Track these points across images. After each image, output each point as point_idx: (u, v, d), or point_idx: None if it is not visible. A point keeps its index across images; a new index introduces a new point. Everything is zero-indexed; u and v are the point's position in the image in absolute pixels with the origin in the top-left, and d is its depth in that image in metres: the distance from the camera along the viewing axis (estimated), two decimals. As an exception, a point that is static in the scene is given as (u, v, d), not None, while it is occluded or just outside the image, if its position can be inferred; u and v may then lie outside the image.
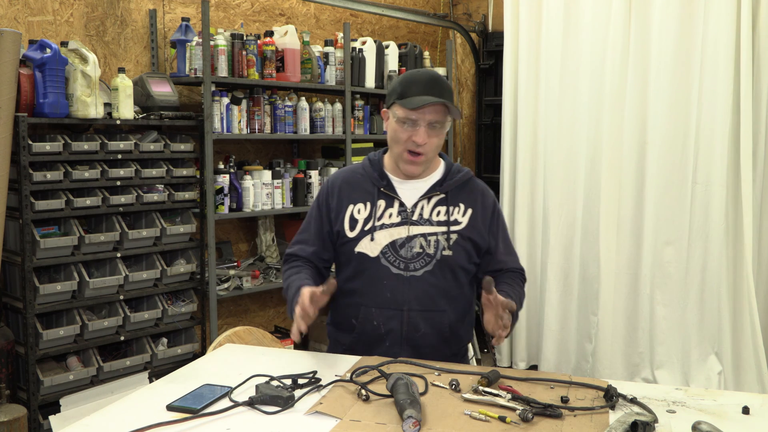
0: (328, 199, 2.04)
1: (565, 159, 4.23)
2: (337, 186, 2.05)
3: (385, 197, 1.99)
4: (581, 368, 4.22)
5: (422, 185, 2.01)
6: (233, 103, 3.60)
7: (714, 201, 3.79)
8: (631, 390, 1.60)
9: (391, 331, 1.94)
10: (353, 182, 2.04)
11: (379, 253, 1.94)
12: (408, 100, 1.89)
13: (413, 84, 1.91)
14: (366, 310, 1.96)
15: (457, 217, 1.99)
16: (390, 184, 2.01)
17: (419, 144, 1.90)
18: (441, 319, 1.96)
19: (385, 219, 1.97)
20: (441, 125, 1.93)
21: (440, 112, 1.91)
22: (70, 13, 3.34)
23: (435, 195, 2.00)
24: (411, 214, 1.97)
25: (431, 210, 1.98)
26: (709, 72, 3.77)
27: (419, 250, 1.94)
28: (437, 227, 1.96)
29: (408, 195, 1.99)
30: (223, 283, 3.70)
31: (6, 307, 3.09)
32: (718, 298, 3.82)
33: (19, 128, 2.88)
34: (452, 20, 5.17)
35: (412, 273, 1.94)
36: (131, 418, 1.44)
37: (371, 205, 1.99)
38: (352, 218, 1.99)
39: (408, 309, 1.94)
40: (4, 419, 2.56)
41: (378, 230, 1.96)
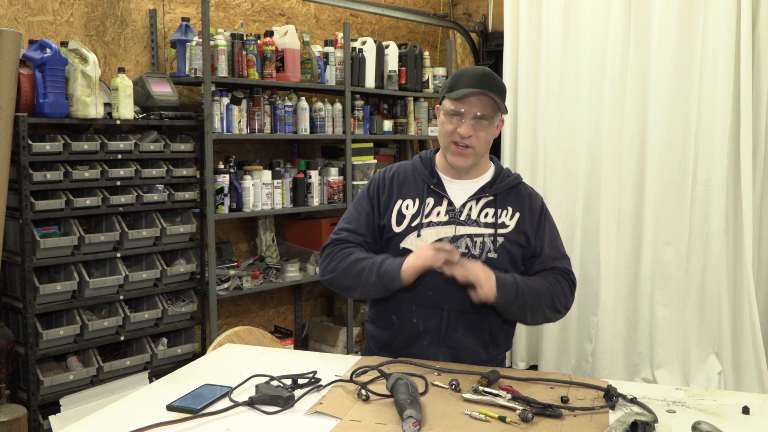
0: (378, 192, 2.03)
1: (565, 159, 4.23)
2: (388, 179, 2.04)
3: (434, 195, 1.99)
4: (581, 368, 4.22)
5: (472, 186, 2.00)
6: (233, 103, 3.60)
7: (714, 201, 3.79)
8: (631, 390, 1.60)
9: (430, 330, 1.94)
10: (404, 178, 2.03)
11: None
12: (455, 92, 1.90)
13: (463, 77, 1.92)
14: (407, 306, 1.95)
15: (504, 220, 1.98)
16: (440, 182, 2.00)
17: (463, 136, 1.90)
18: (481, 323, 1.95)
19: (433, 217, 1.96)
20: (489, 120, 1.92)
21: (488, 107, 1.91)
22: (70, 13, 3.34)
23: (484, 196, 1.99)
24: (459, 213, 1.97)
25: (479, 211, 1.98)
26: (709, 72, 3.77)
27: (464, 250, 1.93)
28: (484, 229, 1.96)
29: (457, 194, 1.99)
30: (223, 283, 3.70)
31: (6, 307, 3.09)
32: (718, 298, 3.82)
33: (19, 128, 2.87)
34: (452, 20, 5.17)
35: None
36: (131, 418, 1.44)
37: (420, 202, 1.98)
38: (399, 213, 1.98)
39: (449, 309, 1.93)
40: (4, 419, 2.55)
41: (425, 227, 1.95)
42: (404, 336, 1.96)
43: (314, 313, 4.59)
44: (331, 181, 4.10)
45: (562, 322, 4.29)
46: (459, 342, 1.94)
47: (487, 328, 1.96)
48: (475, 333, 1.95)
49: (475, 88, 1.88)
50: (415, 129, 4.65)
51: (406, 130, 4.61)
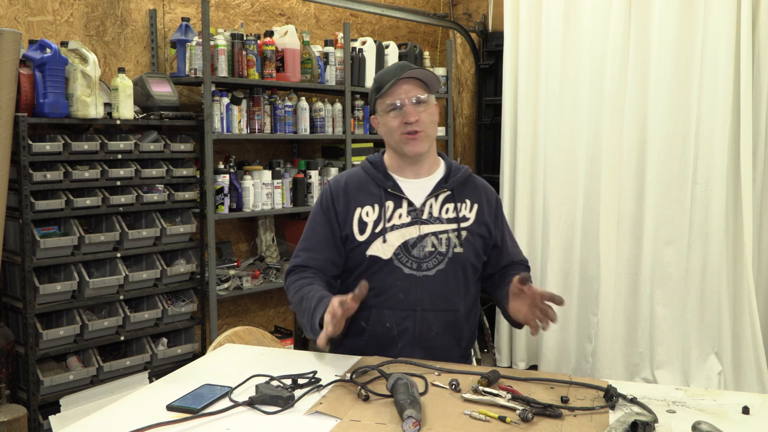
0: (334, 204, 1.99)
1: (565, 159, 4.23)
2: (341, 189, 2.01)
3: (392, 198, 1.98)
4: (581, 368, 4.22)
5: (428, 183, 2.01)
6: (233, 103, 3.60)
7: (714, 201, 3.79)
8: (631, 390, 1.60)
9: (405, 332, 1.93)
10: (358, 185, 2.01)
11: (392, 254, 1.93)
12: (384, 88, 1.94)
13: (384, 75, 1.97)
14: (378, 312, 1.94)
15: (465, 214, 1.99)
16: (396, 184, 2.00)
17: (410, 121, 1.92)
18: (454, 318, 1.97)
19: (395, 220, 1.96)
20: (425, 102, 1.96)
21: (419, 88, 1.95)
22: (70, 13, 3.34)
23: (442, 192, 2.00)
24: (421, 213, 1.97)
25: (440, 207, 1.98)
26: (709, 72, 3.77)
27: (431, 249, 1.94)
28: (447, 225, 1.97)
29: (415, 194, 1.99)
30: (223, 283, 3.70)
31: (6, 307, 3.09)
32: (718, 298, 3.82)
33: (19, 128, 2.88)
34: (452, 20, 5.17)
35: (425, 272, 1.93)
36: (131, 418, 1.44)
37: (380, 207, 1.97)
38: (360, 221, 1.96)
39: (421, 309, 1.93)
40: (4, 419, 2.55)
41: (389, 231, 1.94)
42: (377, 341, 1.95)
43: (314, 313, 4.58)
44: (331, 181, 4.09)
45: (563, 322, 4.29)
46: (433, 341, 1.94)
47: (457, 324, 1.98)
48: (447, 330, 1.96)
49: (398, 76, 1.92)
50: (415, 129, 4.64)
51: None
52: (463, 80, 5.32)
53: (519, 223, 4.45)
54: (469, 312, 2.02)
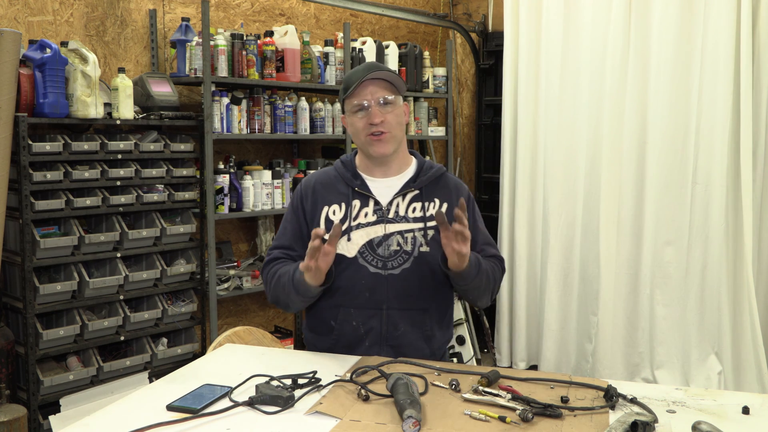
0: (303, 202, 2.04)
1: (565, 159, 4.23)
2: (310, 188, 2.05)
3: (359, 197, 2.00)
4: (581, 368, 4.22)
5: (396, 182, 2.02)
6: (233, 103, 3.60)
7: (714, 201, 3.79)
8: (631, 390, 1.60)
9: (371, 331, 1.95)
10: (327, 184, 2.04)
11: (357, 253, 1.95)
12: (350, 89, 1.95)
13: (351, 76, 1.98)
14: (345, 311, 1.95)
15: (432, 213, 1.99)
16: (364, 183, 2.01)
17: (375, 123, 1.93)
18: (421, 317, 1.97)
19: (361, 218, 1.97)
20: (392, 103, 1.96)
21: (385, 89, 1.96)
22: (70, 13, 3.34)
23: (410, 191, 2.01)
24: (387, 212, 1.98)
25: (407, 207, 1.99)
26: (709, 72, 3.77)
27: (396, 247, 1.95)
28: (413, 224, 1.97)
29: (383, 193, 2.00)
30: (223, 283, 3.70)
31: (6, 307, 3.09)
32: (718, 298, 3.82)
33: (19, 128, 2.88)
34: (452, 20, 5.17)
35: (391, 271, 1.94)
36: (131, 418, 1.44)
37: (346, 206, 1.99)
38: (327, 219, 1.99)
39: (387, 308, 1.94)
40: (4, 419, 2.55)
41: (354, 230, 1.96)
42: (345, 340, 1.96)
43: (314, 313, 4.58)
44: (331, 181, 4.09)
45: (562, 321, 4.29)
46: (400, 340, 1.95)
47: (427, 321, 1.98)
48: (415, 328, 1.96)
49: (364, 77, 1.93)
50: (415, 129, 4.65)
51: (407, 130, 4.60)
52: (463, 80, 5.32)
53: (519, 223, 4.45)
54: (440, 311, 2.02)
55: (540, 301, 4.40)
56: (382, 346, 1.94)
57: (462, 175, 5.31)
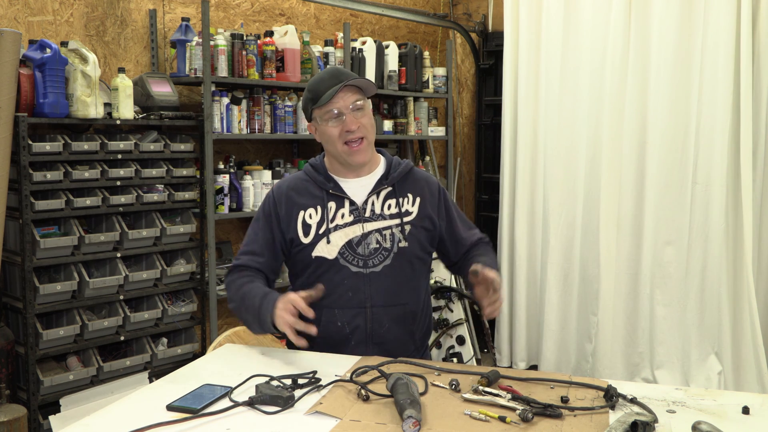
0: (276, 209, 2.03)
1: (565, 159, 4.23)
2: (283, 194, 2.05)
3: (334, 198, 2.01)
4: (581, 368, 4.22)
5: (368, 181, 2.04)
6: (233, 103, 3.60)
7: (714, 201, 3.79)
8: (631, 390, 1.60)
9: (357, 330, 1.96)
10: (299, 188, 2.05)
11: (337, 254, 1.96)
12: (324, 98, 1.94)
13: (319, 84, 1.98)
14: (328, 312, 1.96)
15: (407, 208, 2.03)
16: (337, 185, 2.03)
17: (352, 130, 1.94)
18: (403, 312, 1.99)
19: (338, 220, 1.99)
20: (363, 106, 1.98)
21: (356, 94, 1.97)
22: (70, 13, 3.34)
23: (383, 189, 2.03)
24: (363, 211, 1.99)
25: (382, 204, 2.01)
26: (709, 72, 3.77)
27: (376, 245, 1.97)
28: (390, 220, 2.00)
29: (357, 192, 2.02)
30: (223, 283, 3.69)
31: (6, 307, 3.09)
32: (718, 298, 3.82)
33: (19, 128, 2.87)
34: (452, 20, 5.17)
35: (372, 269, 1.96)
36: (131, 418, 1.44)
37: (322, 208, 2.00)
38: (304, 224, 2.00)
39: (371, 306, 1.96)
40: (4, 419, 2.56)
41: (333, 232, 1.97)
42: (331, 341, 1.96)
43: (314, 313, 4.58)
44: (331, 181, 4.10)
45: (562, 321, 4.29)
46: (386, 337, 1.97)
47: (409, 316, 2.00)
48: (399, 324, 1.99)
49: (335, 85, 1.93)
50: (415, 129, 4.65)
51: (406, 130, 4.61)
52: (463, 80, 5.32)
53: (519, 223, 4.45)
54: (420, 305, 2.05)
55: (540, 301, 4.40)
56: (368, 344, 1.96)
57: (462, 175, 5.32)
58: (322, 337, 1.96)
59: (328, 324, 1.96)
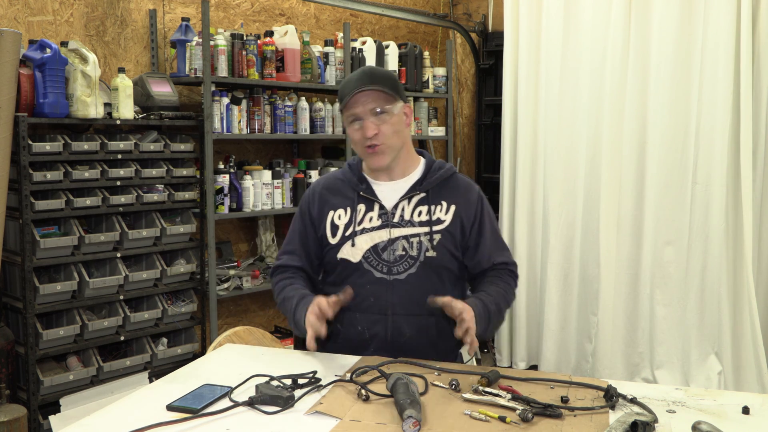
0: (310, 208, 2.03)
1: (565, 159, 4.23)
2: (317, 193, 2.04)
3: (365, 201, 1.97)
4: (581, 368, 4.22)
5: (402, 185, 1.99)
6: (233, 103, 3.60)
7: (714, 201, 3.79)
8: (631, 390, 1.60)
9: (376, 336, 1.92)
10: (333, 188, 2.03)
11: (361, 258, 1.93)
12: (344, 101, 1.92)
13: (347, 84, 1.94)
14: (350, 315, 1.94)
15: (439, 216, 1.96)
16: (369, 187, 1.99)
17: (368, 136, 1.89)
18: (427, 322, 1.93)
19: (366, 223, 1.95)
20: (387, 112, 1.91)
21: (378, 99, 1.90)
22: (70, 13, 3.34)
23: (416, 194, 1.97)
24: (392, 216, 1.95)
25: (412, 210, 1.96)
26: (709, 72, 3.77)
27: (402, 252, 1.92)
28: (419, 228, 1.94)
29: (388, 196, 1.97)
30: (223, 283, 3.70)
31: (6, 307, 3.09)
32: (718, 298, 3.82)
33: (19, 128, 2.87)
34: (452, 20, 5.17)
35: (396, 276, 1.92)
36: (131, 418, 1.44)
37: (351, 210, 1.97)
38: (332, 224, 1.98)
39: (392, 313, 1.91)
40: (4, 419, 2.55)
41: (358, 235, 1.94)
42: (351, 344, 1.95)
43: (314, 313, 4.58)
44: (331, 181, 4.09)
45: (562, 321, 4.29)
46: (406, 345, 1.91)
47: (433, 327, 1.94)
48: (422, 334, 1.93)
49: (357, 88, 1.88)
50: (416, 129, 4.65)
51: (407, 129, 4.60)
52: (463, 80, 5.32)
53: (519, 223, 4.45)
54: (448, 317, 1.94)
55: (540, 301, 4.39)
56: (387, 351, 1.91)
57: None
58: (343, 339, 1.95)
59: (349, 327, 1.94)
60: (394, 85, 1.93)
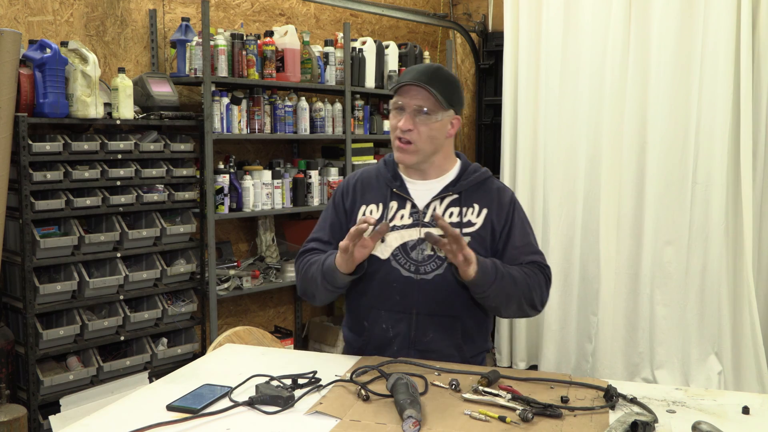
0: (343, 199, 2.03)
1: (565, 159, 4.23)
2: (352, 185, 2.04)
3: (397, 198, 1.97)
4: (581, 368, 4.22)
5: (436, 185, 1.98)
6: (233, 103, 3.60)
7: (714, 201, 3.79)
8: (631, 390, 1.60)
9: (399, 335, 1.91)
10: (368, 183, 2.02)
11: (390, 255, 1.91)
12: (395, 86, 1.91)
13: (408, 72, 1.92)
14: (376, 312, 1.93)
15: (470, 218, 1.94)
16: (403, 184, 1.98)
17: (402, 129, 1.88)
18: (452, 324, 1.92)
19: (397, 220, 1.94)
20: (430, 115, 1.89)
21: (427, 100, 1.88)
22: (70, 13, 3.34)
23: (448, 195, 1.96)
24: (423, 215, 1.94)
25: (444, 211, 1.95)
26: (709, 72, 3.77)
27: (431, 252, 1.90)
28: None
29: (421, 196, 1.96)
30: (223, 283, 3.70)
31: (6, 307, 3.09)
32: (718, 298, 3.82)
33: (19, 128, 2.87)
34: (452, 20, 5.17)
35: (423, 276, 1.90)
36: (131, 418, 1.44)
37: (383, 207, 1.97)
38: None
39: (416, 313, 1.90)
40: (4, 419, 2.55)
41: (389, 232, 1.92)
42: (375, 341, 1.94)
43: (314, 313, 4.59)
44: (331, 181, 4.10)
45: (562, 321, 4.29)
46: (429, 346, 1.90)
47: (459, 329, 1.92)
48: (446, 335, 1.91)
49: (414, 80, 1.86)
50: (415, 129, 4.64)
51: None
52: (463, 80, 5.32)
53: (519, 223, 4.44)
54: (475, 320, 1.94)
55: (540, 301, 4.39)
56: (410, 350, 1.90)
57: (462, 175, 5.31)
58: (369, 335, 1.95)
59: (374, 324, 1.94)
60: (449, 94, 1.90)
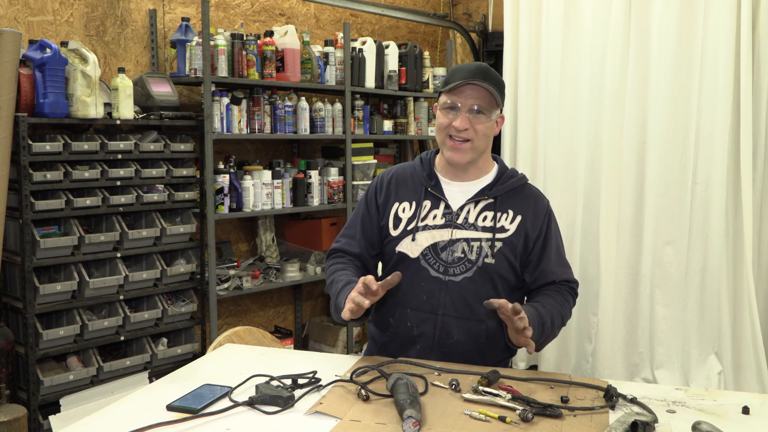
0: (376, 195, 2.03)
1: (565, 159, 4.23)
2: (386, 182, 2.03)
3: (431, 197, 1.96)
4: (581, 368, 4.22)
5: (471, 188, 1.97)
6: (233, 103, 3.60)
7: (714, 201, 3.79)
8: (631, 390, 1.60)
9: (424, 335, 1.91)
10: (402, 180, 2.01)
11: (420, 254, 1.91)
12: (450, 85, 1.88)
13: (459, 71, 1.90)
14: (402, 310, 1.93)
15: (504, 224, 1.93)
16: (438, 184, 1.97)
17: (459, 129, 1.87)
18: (477, 328, 1.90)
19: (429, 220, 1.93)
20: (486, 114, 1.89)
21: (484, 99, 1.87)
22: (70, 13, 3.34)
23: (483, 199, 1.95)
24: (456, 217, 1.93)
25: (477, 214, 1.93)
26: (709, 72, 3.77)
27: (461, 254, 1.90)
28: (482, 233, 1.91)
29: (455, 197, 1.95)
30: (223, 283, 3.70)
31: (6, 307, 3.09)
32: (718, 298, 3.81)
33: (19, 128, 2.88)
34: (452, 20, 5.17)
35: (451, 278, 1.89)
36: (131, 418, 1.44)
37: (416, 205, 1.96)
38: (396, 217, 1.97)
39: (443, 314, 1.89)
40: (4, 419, 2.55)
41: (420, 231, 1.92)
42: (400, 339, 1.94)
43: (314, 313, 4.59)
44: (331, 181, 4.10)
45: (562, 322, 4.28)
46: (452, 348, 1.90)
47: (483, 333, 1.91)
48: (470, 339, 1.90)
49: (469, 78, 1.85)
50: (415, 129, 4.65)
51: (406, 130, 4.61)
52: (463, 80, 5.31)
53: (519, 223, 4.44)
54: (500, 326, 1.88)
55: (540, 301, 4.39)
56: (433, 351, 1.90)
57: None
58: (393, 332, 1.95)
59: (400, 322, 1.93)
60: (502, 91, 1.91)
